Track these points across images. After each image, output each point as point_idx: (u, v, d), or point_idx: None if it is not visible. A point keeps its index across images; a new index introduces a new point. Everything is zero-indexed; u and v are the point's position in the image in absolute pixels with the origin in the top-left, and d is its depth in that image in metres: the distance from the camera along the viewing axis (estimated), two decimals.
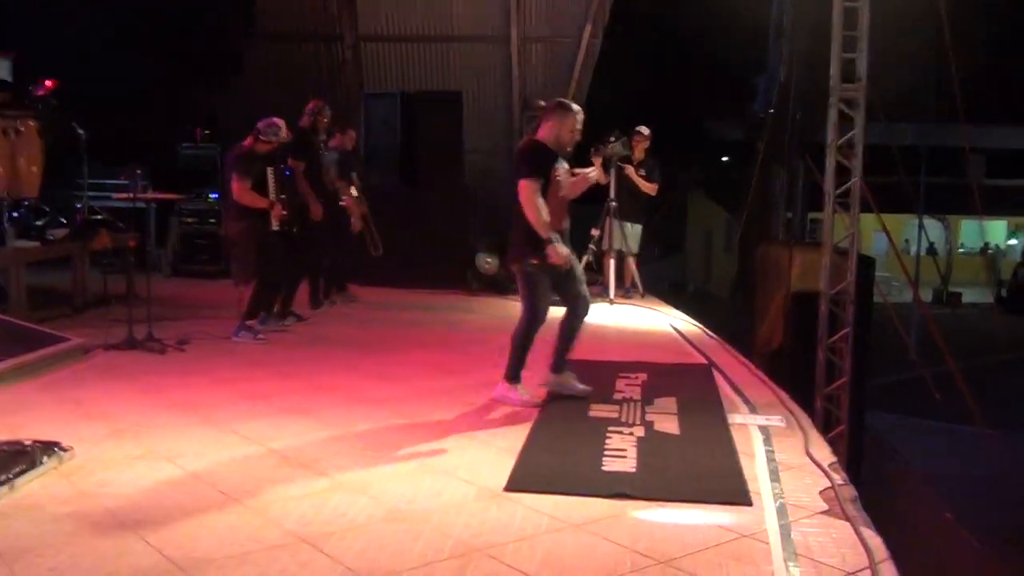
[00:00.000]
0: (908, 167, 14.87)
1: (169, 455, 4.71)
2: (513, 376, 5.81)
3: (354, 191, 9.51)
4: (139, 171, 7.73)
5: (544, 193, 5.51)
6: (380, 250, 9.91)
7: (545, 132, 5.62)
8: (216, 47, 12.81)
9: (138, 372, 6.54)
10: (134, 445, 4.87)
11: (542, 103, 5.65)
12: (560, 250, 5.52)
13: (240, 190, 7.54)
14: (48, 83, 9.15)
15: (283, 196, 7.74)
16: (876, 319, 10.74)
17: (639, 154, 10.31)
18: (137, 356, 7.03)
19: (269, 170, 7.68)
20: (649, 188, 10.33)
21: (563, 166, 5.72)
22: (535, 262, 5.55)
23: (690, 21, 16.24)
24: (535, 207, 5.45)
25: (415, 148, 11.74)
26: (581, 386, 5.96)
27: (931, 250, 24.14)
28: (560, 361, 5.93)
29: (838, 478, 4.46)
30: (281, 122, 7.78)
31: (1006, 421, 11.97)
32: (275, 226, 7.63)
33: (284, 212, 7.69)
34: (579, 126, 5.65)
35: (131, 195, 7.68)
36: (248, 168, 7.56)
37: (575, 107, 5.66)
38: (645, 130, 10.42)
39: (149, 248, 8.93)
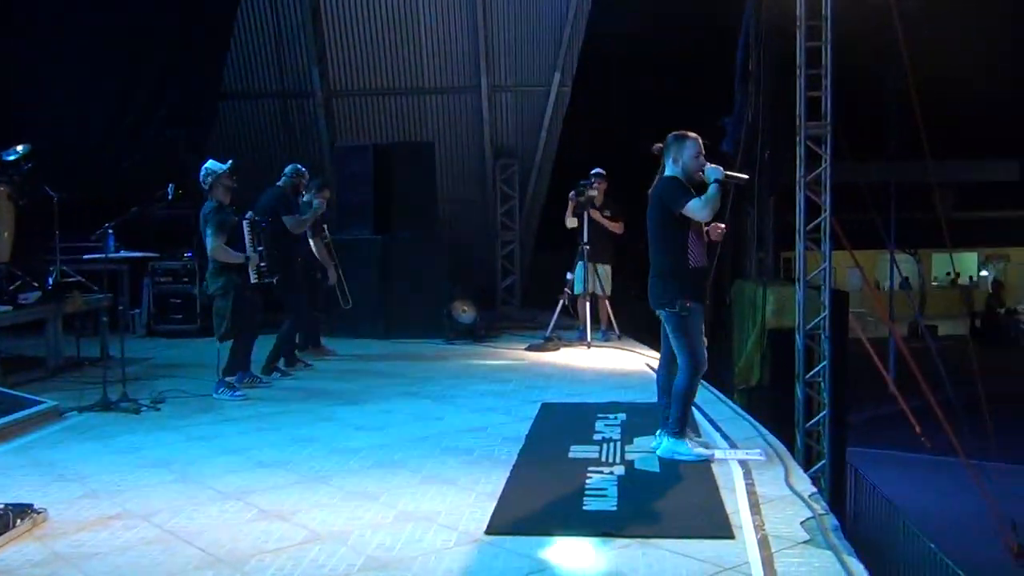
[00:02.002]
0: (878, 204, 15.06)
1: (144, 513, 4.64)
2: (679, 431, 5.46)
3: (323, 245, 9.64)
4: (111, 231, 7.72)
5: (686, 229, 5.43)
6: (350, 302, 9.93)
7: (672, 167, 5.51)
8: (188, 106, 12.82)
9: (112, 433, 6.47)
10: (109, 505, 4.80)
11: (658, 145, 5.58)
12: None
13: (216, 247, 7.53)
14: (20, 148, 9.14)
15: (261, 248, 7.74)
16: (853, 354, 10.77)
17: (600, 196, 10.40)
18: (112, 417, 6.94)
19: (245, 223, 7.68)
20: (616, 227, 10.44)
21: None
22: (688, 304, 5.39)
23: (656, 64, 16.48)
24: (712, 205, 5.34)
25: (388, 199, 11.77)
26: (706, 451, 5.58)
27: (905, 284, 24.35)
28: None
29: (819, 508, 4.46)
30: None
31: (985, 451, 12.00)
32: (254, 278, 7.61)
33: (262, 264, 7.69)
34: (701, 150, 5.51)
35: (103, 256, 7.67)
36: (223, 224, 7.56)
37: (690, 134, 5.53)
38: (603, 172, 10.55)
39: (122, 308, 8.86)
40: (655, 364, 8.97)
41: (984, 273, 37.11)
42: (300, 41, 13.98)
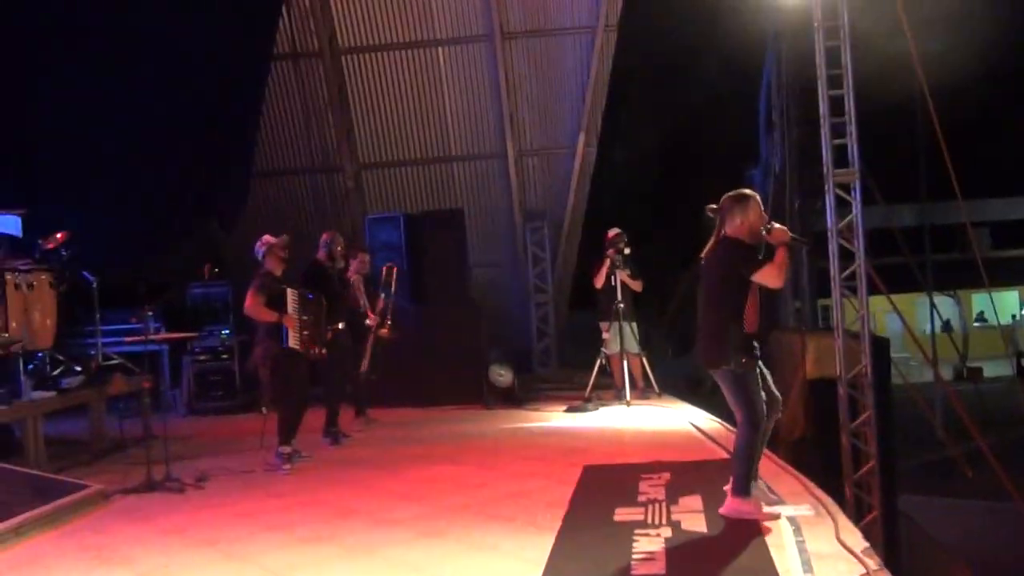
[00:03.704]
0: (913, 246, 14.96)
1: None
2: (744, 490, 5.39)
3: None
4: (151, 312, 7.83)
5: (747, 292, 5.44)
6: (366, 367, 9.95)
7: (734, 229, 5.47)
8: (220, 186, 13.06)
9: (158, 513, 6.48)
10: None
11: (713, 206, 5.58)
12: None
13: (250, 304, 7.64)
14: (59, 235, 9.33)
15: (305, 318, 7.80)
16: (899, 400, 10.63)
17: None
18: (157, 497, 6.96)
19: (290, 291, 7.76)
20: (637, 285, 10.43)
21: None
22: (744, 360, 5.38)
23: (679, 119, 16.62)
24: (785, 270, 5.38)
25: (421, 267, 11.88)
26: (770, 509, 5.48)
27: (946, 326, 24.03)
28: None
29: (873, 563, 4.37)
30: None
31: None
32: (292, 343, 7.66)
33: (306, 332, 7.75)
34: (762, 208, 5.56)
35: (143, 337, 7.76)
36: (265, 285, 7.69)
37: (751, 193, 5.56)
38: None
39: (163, 388, 8.94)
40: (698, 421, 8.93)
41: None
42: (327, 118, 14.27)
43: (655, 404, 10.12)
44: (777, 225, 5.51)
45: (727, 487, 5.53)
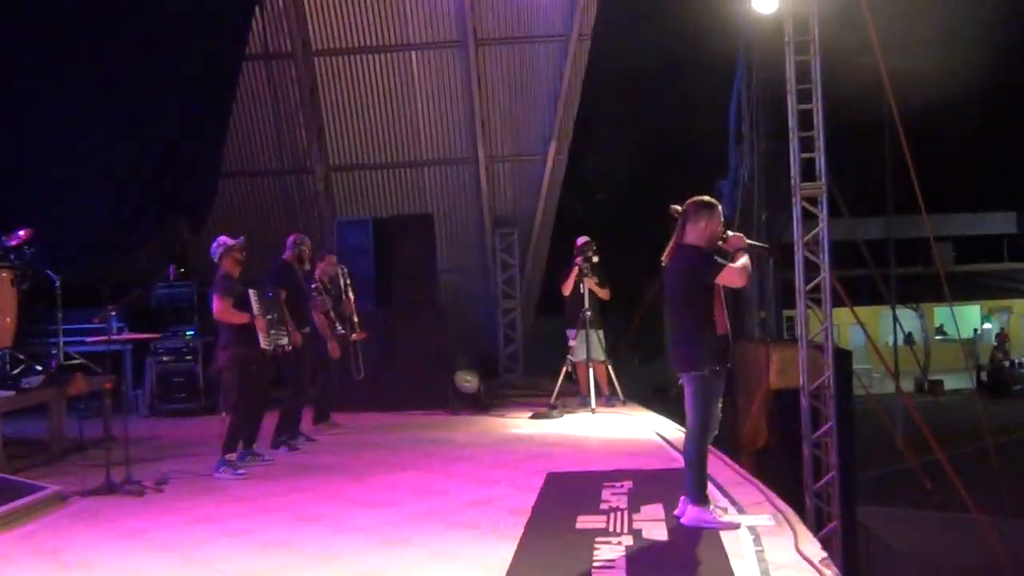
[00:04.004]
0: (877, 259, 15.14)
1: None
2: (700, 498, 5.41)
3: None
4: (113, 312, 7.75)
5: (711, 296, 5.48)
6: (362, 373, 9.98)
7: (696, 234, 5.48)
8: (188, 187, 12.93)
9: (116, 517, 6.40)
10: None
11: (678, 208, 5.57)
12: None
13: (220, 308, 7.58)
14: (22, 232, 9.20)
15: (270, 316, 7.77)
16: (860, 411, 10.75)
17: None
18: (116, 500, 6.87)
19: (251, 291, 7.71)
20: (604, 294, 10.50)
21: None
22: (717, 368, 5.42)
23: (649, 129, 16.73)
24: (746, 273, 5.46)
25: (390, 271, 11.85)
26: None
27: (908, 339, 24.33)
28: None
29: (831, 573, 4.41)
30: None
31: (997, 506, 11.88)
32: (263, 343, 7.62)
33: (272, 331, 7.72)
34: (722, 218, 5.62)
35: (106, 337, 7.67)
36: (229, 288, 7.63)
37: (714, 201, 5.58)
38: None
39: (125, 389, 8.84)
40: (662, 429, 8.96)
41: (987, 326, 37.05)
42: (298, 119, 14.21)
43: (620, 412, 10.16)
44: (732, 232, 5.59)
45: (677, 510, 5.56)
